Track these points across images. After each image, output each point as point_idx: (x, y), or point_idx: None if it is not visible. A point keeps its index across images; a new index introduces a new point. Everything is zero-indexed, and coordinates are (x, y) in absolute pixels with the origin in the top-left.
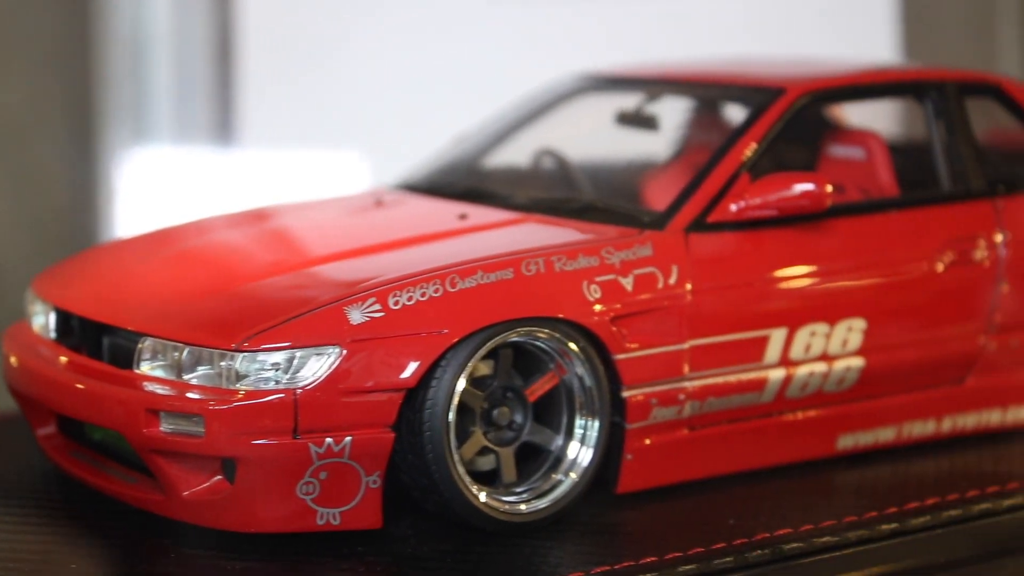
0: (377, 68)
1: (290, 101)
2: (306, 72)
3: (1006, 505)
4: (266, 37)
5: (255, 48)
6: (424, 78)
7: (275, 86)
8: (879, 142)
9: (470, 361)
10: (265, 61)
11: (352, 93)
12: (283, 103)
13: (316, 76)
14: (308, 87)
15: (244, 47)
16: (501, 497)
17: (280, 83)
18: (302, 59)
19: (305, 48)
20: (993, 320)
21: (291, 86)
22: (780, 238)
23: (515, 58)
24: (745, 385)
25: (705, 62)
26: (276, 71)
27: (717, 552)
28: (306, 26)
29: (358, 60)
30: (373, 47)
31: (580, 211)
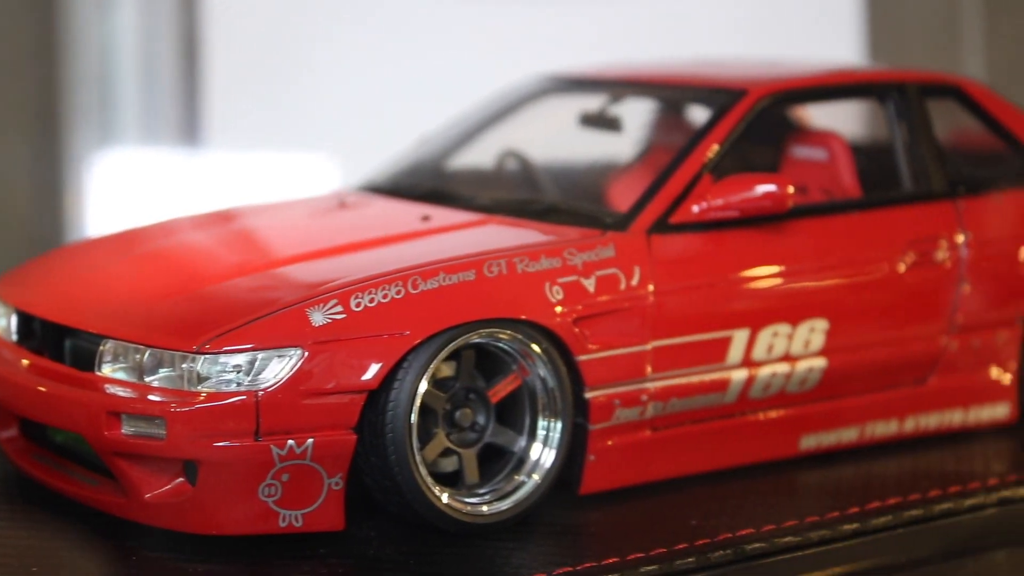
0: (345, 69)
1: (257, 103)
2: (273, 74)
3: (967, 505)
4: (233, 39)
5: (222, 49)
6: (392, 79)
7: (242, 88)
8: (841, 143)
9: (432, 363)
10: (232, 62)
11: (320, 95)
12: (250, 105)
13: (283, 78)
14: (275, 89)
15: (210, 48)
16: (463, 498)
17: (247, 85)
18: (269, 61)
19: (272, 50)
20: (955, 320)
21: (258, 88)
22: (742, 239)
23: (484, 59)
24: (708, 386)
25: (668, 64)
26: (243, 72)
27: (679, 552)
28: (273, 28)
29: (326, 61)
30: (341, 48)
31: (543, 212)
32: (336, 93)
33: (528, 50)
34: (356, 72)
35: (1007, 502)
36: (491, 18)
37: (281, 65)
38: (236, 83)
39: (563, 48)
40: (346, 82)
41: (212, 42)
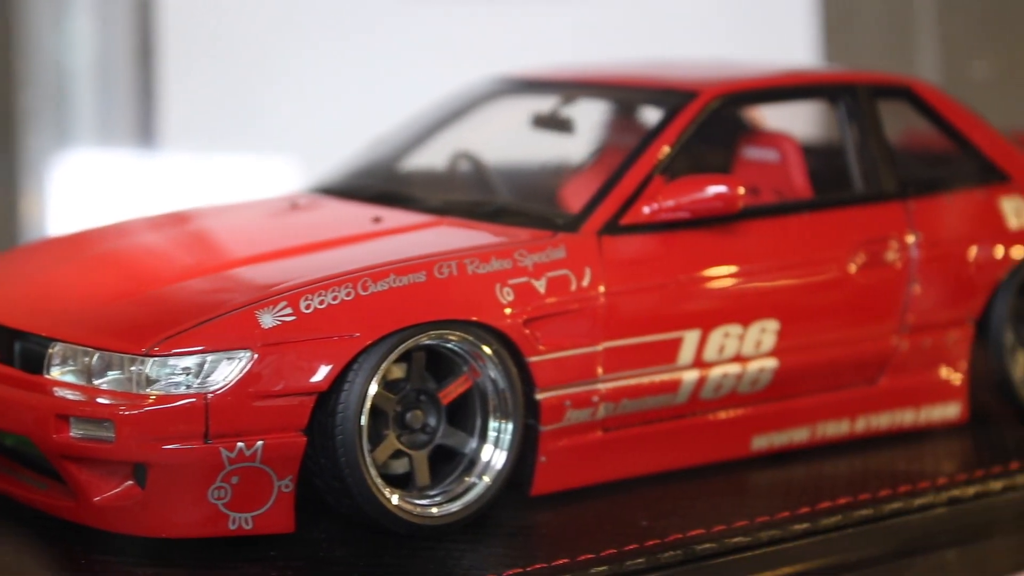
0: (302, 71)
1: (214, 105)
2: (229, 75)
3: (917, 504)
4: (188, 41)
5: (177, 51)
6: (350, 80)
7: (198, 89)
8: (793, 144)
9: (382, 364)
10: (187, 64)
11: (277, 96)
12: (206, 107)
13: (239, 79)
14: (231, 90)
15: (166, 50)
16: (414, 500)
17: (203, 86)
18: (225, 63)
19: (228, 52)
20: (905, 320)
21: (214, 89)
22: (694, 240)
23: (443, 60)
24: (659, 387)
25: (621, 65)
26: (199, 74)
27: (630, 553)
28: (228, 29)
29: (282, 63)
30: (297, 50)
31: (494, 214)
32: (293, 94)
33: (486, 51)
34: (313, 73)
35: (956, 501)
36: (449, 19)
37: (237, 67)
38: (192, 85)
39: (519, 50)
40: (303, 83)
41: (167, 44)
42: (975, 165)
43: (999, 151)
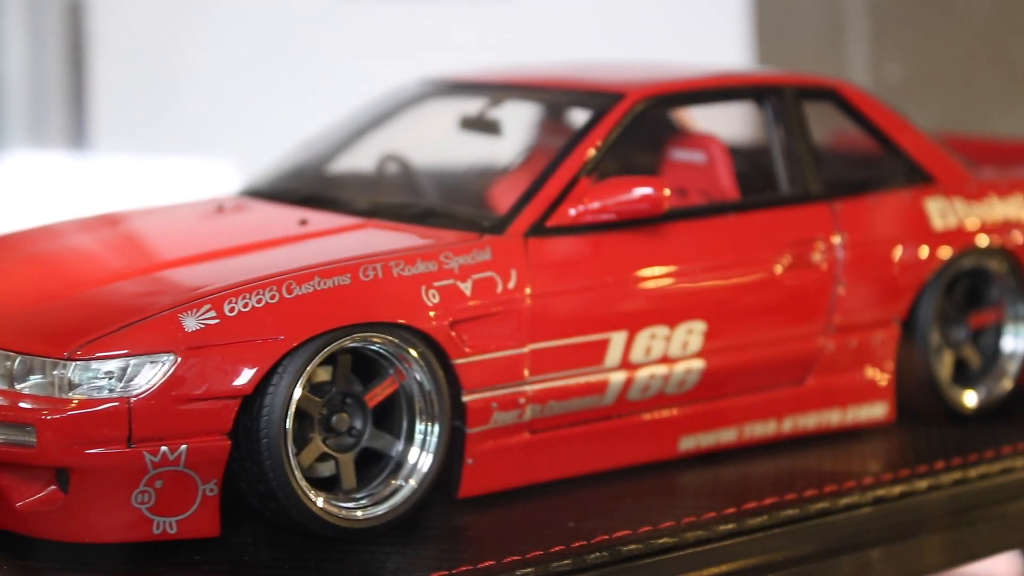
0: (238, 72)
1: (147, 107)
2: (162, 77)
3: (842, 504)
4: (120, 43)
5: (109, 54)
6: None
7: (130, 92)
8: (720, 146)
9: (307, 368)
10: (120, 66)
11: (211, 98)
12: (139, 109)
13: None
14: (165, 92)
15: (97, 53)
16: (339, 503)
17: (135, 88)
18: (157, 65)
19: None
20: (832, 321)
21: (147, 91)
22: (620, 242)
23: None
24: (586, 388)
25: (549, 67)
26: (131, 76)
27: (555, 555)
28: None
29: (216, 65)
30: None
31: (421, 216)
32: (228, 96)
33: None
34: (248, 75)
35: (882, 501)
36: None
37: (170, 69)
38: (124, 87)
39: (453, 51)
40: (238, 85)
41: (99, 46)
42: (901, 166)
43: (924, 152)
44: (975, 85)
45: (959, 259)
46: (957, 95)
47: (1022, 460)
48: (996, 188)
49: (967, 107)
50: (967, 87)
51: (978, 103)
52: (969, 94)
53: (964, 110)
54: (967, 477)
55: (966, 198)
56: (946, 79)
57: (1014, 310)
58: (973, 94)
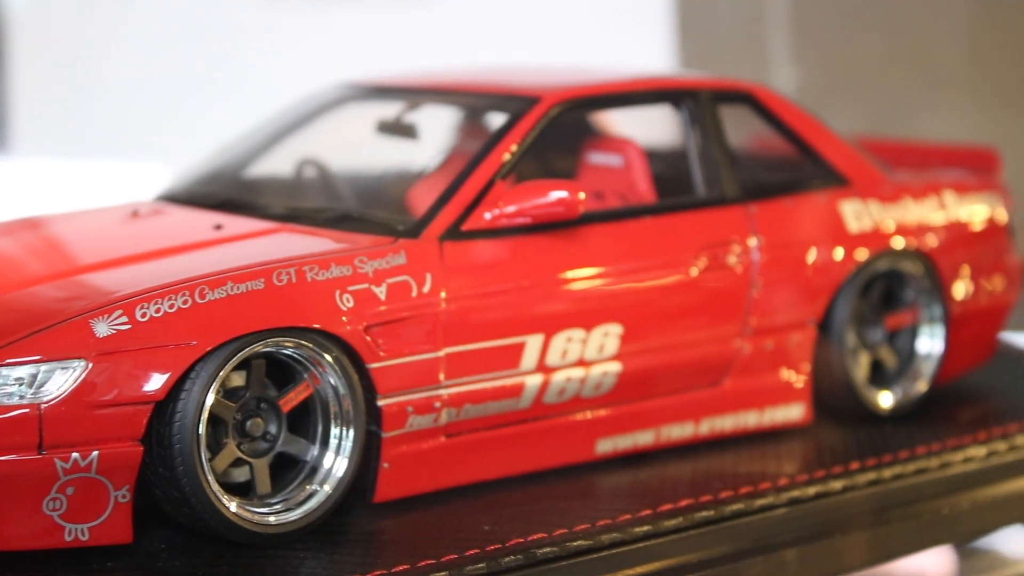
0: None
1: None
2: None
3: (758, 505)
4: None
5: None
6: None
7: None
8: (636, 149)
9: (220, 373)
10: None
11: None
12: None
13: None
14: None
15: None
16: (253, 509)
17: (55, 91)
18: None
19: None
20: (748, 323)
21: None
22: (536, 245)
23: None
24: (502, 392)
25: (467, 70)
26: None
27: (470, 558)
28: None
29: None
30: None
31: (336, 221)
32: (150, 98)
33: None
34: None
35: (797, 501)
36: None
37: (90, 73)
38: (44, 91)
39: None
40: (160, 88)
41: (20, 48)
42: (816, 169)
43: (840, 155)
44: (897, 88)
45: (874, 261)
46: (880, 98)
47: (936, 460)
48: (911, 190)
49: (890, 110)
50: (889, 90)
51: (901, 106)
52: (892, 97)
53: (887, 113)
54: (882, 478)
55: (881, 200)
56: (869, 82)
57: (929, 312)
58: (895, 97)
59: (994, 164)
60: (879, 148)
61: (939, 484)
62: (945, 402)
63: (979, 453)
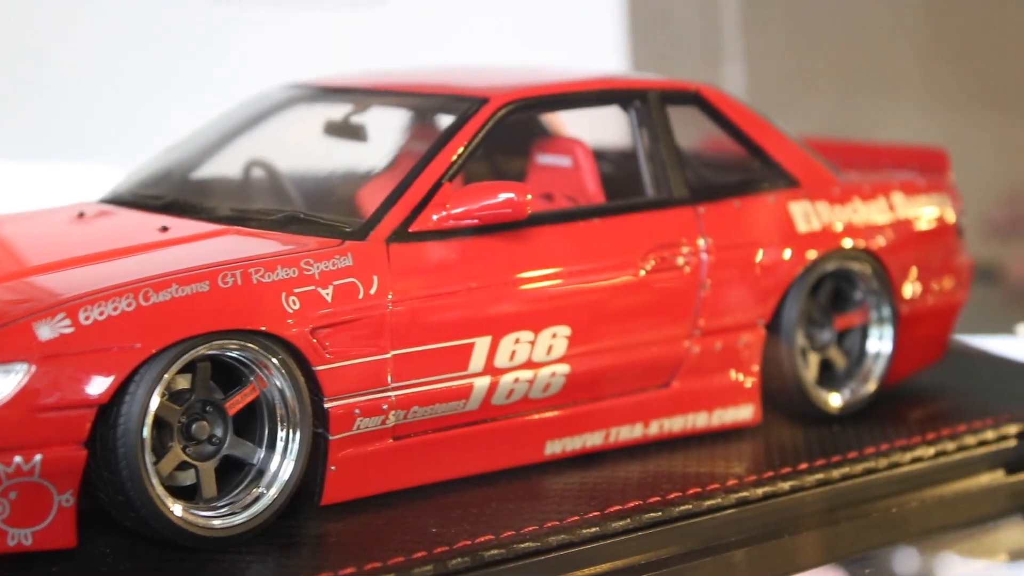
0: (110, 77)
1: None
2: (34, 82)
3: (706, 506)
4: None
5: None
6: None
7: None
8: (585, 150)
9: (164, 375)
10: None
11: (84, 102)
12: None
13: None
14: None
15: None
16: (197, 512)
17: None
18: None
19: (31, 57)
20: (697, 324)
21: (18, 97)
22: (483, 247)
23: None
24: (450, 393)
25: (416, 72)
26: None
27: (417, 561)
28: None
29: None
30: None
31: (283, 223)
32: (100, 100)
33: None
34: (120, 79)
35: (745, 502)
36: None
37: (39, 74)
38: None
39: (327, 54)
40: (110, 89)
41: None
42: (765, 170)
43: (789, 156)
44: (851, 89)
45: (823, 261)
46: (834, 99)
47: (885, 460)
48: (860, 191)
49: (844, 111)
50: (843, 91)
51: (855, 107)
52: (846, 98)
53: (841, 114)
54: (830, 478)
55: (830, 201)
56: (823, 83)
57: (878, 312)
58: (849, 98)
59: (943, 165)
60: (829, 149)
61: (888, 484)
62: (894, 402)
63: (927, 453)
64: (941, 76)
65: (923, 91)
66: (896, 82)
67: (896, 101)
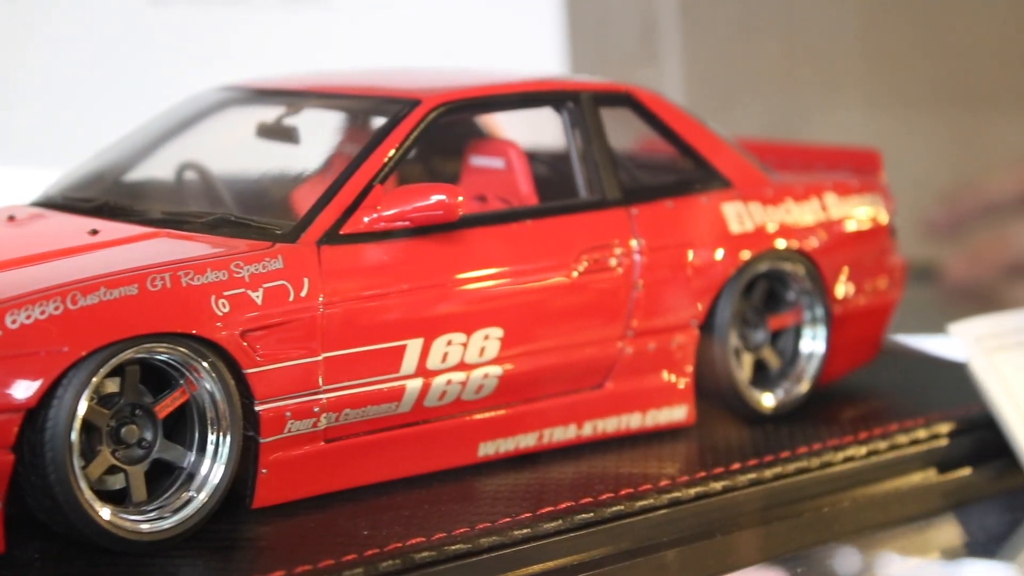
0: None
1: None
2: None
3: (638, 506)
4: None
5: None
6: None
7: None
8: (518, 152)
9: (92, 379)
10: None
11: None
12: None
13: None
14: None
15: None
16: (126, 516)
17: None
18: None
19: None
20: (630, 325)
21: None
22: (415, 249)
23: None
24: (382, 396)
25: (349, 74)
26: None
27: (347, 564)
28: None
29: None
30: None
31: (214, 225)
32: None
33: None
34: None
35: (677, 502)
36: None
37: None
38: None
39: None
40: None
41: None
42: (698, 171)
43: (722, 157)
44: (791, 90)
45: (756, 262)
46: (774, 100)
47: (817, 460)
48: (793, 192)
49: (784, 112)
50: (784, 92)
51: (795, 108)
52: (786, 99)
53: (781, 115)
54: (763, 477)
55: (763, 202)
56: (763, 84)
57: (812, 312)
58: (790, 99)
59: (876, 166)
60: (763, 150)
61: (820, 483)
62: (828, 402)
63: (859, 452)
64: (879, 77)
65: (861, 92)
66: (834, 83)
67: (834, 102)
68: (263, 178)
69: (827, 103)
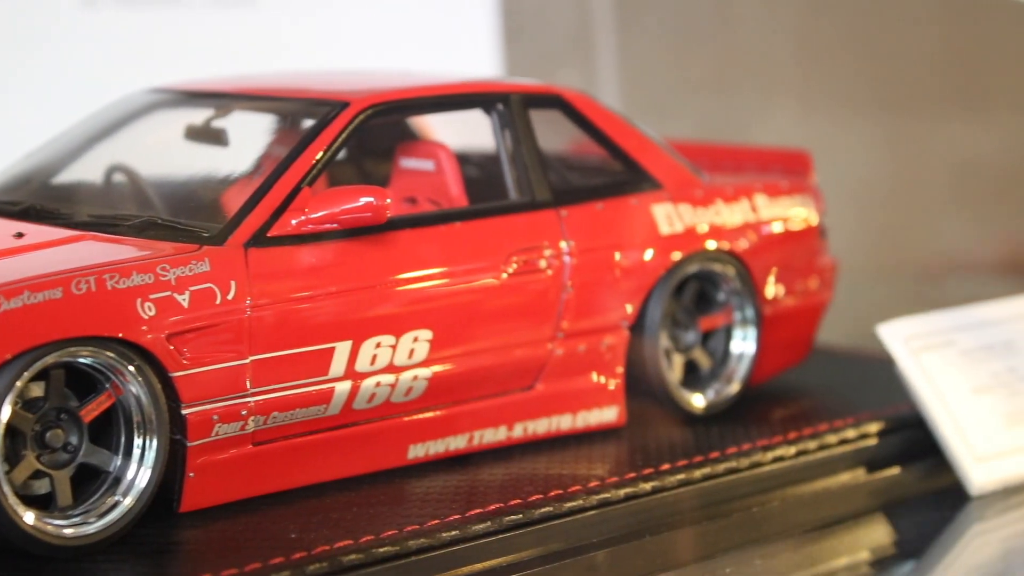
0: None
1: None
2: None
3: (567, 507)
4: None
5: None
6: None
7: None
8: (448, 153)
9: (16, 383)
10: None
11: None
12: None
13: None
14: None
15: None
16: (50, 521)
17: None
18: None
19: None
20: (560, 327)
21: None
22: (344, 251)
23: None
24: (310, 398)
25: (278, 76)
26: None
27: (274, 567)
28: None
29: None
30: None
31: (141, 228)
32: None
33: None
34: None
35: (607, 503)
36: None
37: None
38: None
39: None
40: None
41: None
42: (628, 173)
43: (652, 159)
44: (728, 92)
45: (686, 263)
46: (710, 102)
47: (747, 460)
48: (723, 193)
49: (721, 114)
50: (720, 94)
51: (731, 110)
52: (722, 101)
53: (718, 117)
54: (692, 478)
55: (693, 204)
56: (699, 87)
57: (742, 313)
58: (726, 101)
59: (807, 167)
60: (694, 151)
61: (750, 483)
62: (758, 402)
63: (789, 452)
64: (814, 80)
65: (796, 95)
66: (770, 85)
67: (770, 103)
68: (191, 181)
69: (762, 106)
